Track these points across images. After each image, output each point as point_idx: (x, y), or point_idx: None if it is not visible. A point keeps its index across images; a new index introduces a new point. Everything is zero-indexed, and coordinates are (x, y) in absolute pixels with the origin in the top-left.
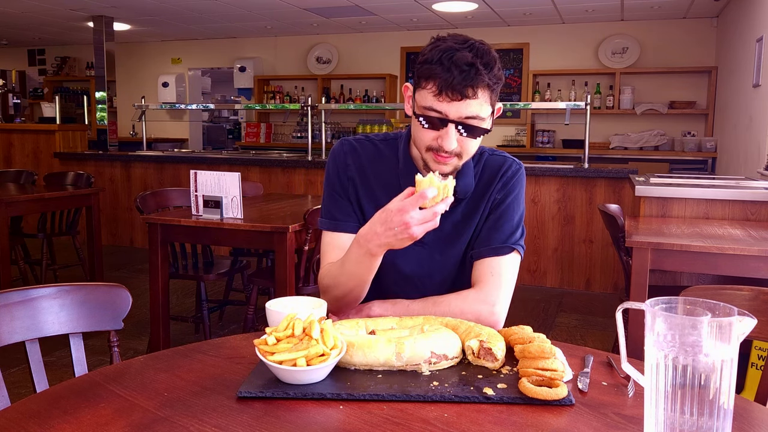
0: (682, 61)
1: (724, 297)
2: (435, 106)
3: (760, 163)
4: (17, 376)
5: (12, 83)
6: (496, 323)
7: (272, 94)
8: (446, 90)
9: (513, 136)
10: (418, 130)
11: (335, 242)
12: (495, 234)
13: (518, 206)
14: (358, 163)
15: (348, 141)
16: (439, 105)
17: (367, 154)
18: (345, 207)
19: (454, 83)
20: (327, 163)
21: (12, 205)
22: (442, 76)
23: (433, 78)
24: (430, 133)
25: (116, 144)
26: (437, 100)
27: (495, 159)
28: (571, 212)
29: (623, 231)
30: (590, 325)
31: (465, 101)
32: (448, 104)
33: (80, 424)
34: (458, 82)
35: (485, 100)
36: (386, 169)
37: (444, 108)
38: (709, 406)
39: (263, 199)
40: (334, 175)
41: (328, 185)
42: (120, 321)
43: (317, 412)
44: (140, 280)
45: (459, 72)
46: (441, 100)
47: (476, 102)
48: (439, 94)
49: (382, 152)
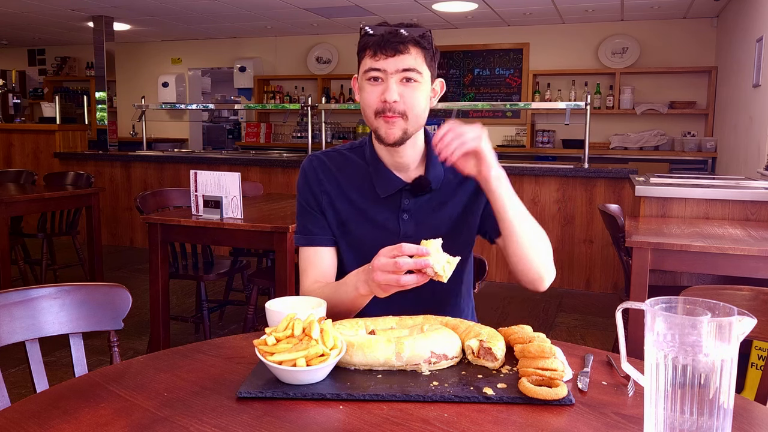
0: (682, 61)
1: (724, 297)
2: (374, 65)
3: (760, 163)
4: (17, 376)
5: (12, 83)
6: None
7: (272, 94)
8: (380, 49)
9: (513, 136)
10: (365, 95)
11: (313, 257)
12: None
13: None
14: (330, 175)
15: (316, 156)
16: (377, 63)
17: (336, 165)
18: (319, 221)
19: (384, 41)
20: (298, 180)
21: (12, 205)
22: (375, 39)
23: (368, 45)
24: (374, 92)
25: (116, 144)
26: (375, 60)
27: None
28: (571, 212)
29: (623, 231)
30: (590, 325)
31: (399, 56)
32: (385, 60)
33: (80, 424)
34: (389, 39)
35: (418, 56)
36: (356, 173)
37: (381, 65)
38: (709, 405)
39: (263, 199)
40: (306, 191)
41: (302, 201)
42: (120, 321)
43: (317, 412)
44: (140, 280)
45: (388, 32)
46: (378, 58)
47: (410, 56)
48: (375, 54)
49: (350, 159)
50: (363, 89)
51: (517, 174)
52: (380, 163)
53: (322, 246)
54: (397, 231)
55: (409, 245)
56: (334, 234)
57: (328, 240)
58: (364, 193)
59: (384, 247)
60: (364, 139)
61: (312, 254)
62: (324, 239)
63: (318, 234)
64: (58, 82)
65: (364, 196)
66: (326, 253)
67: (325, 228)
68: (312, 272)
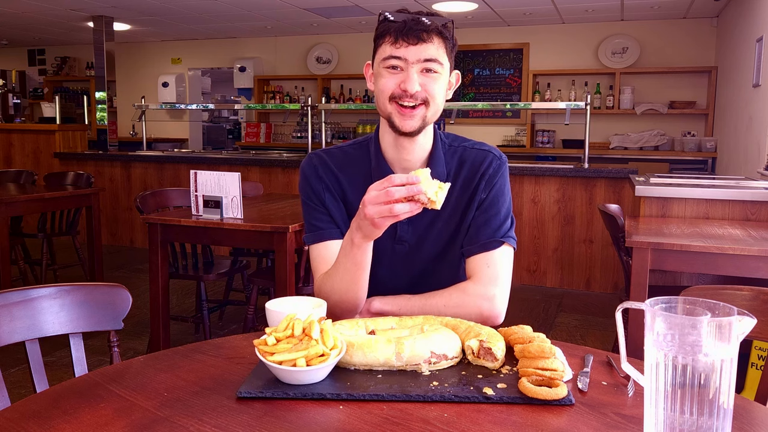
0: (682, 61)
1: (724, 297)
2: (394, 53)
3: (760, 163)
4: (17, 376)
5: (12, 83)
6: (497, 315)
7: (272, 94)
8: (402, 36)
9: (513, 136)
10: (382, 81)
11: (323, 253)
12: (484, 230)
13: (504, 199)
14: (330, 174)
15: (316, 154)
16: (398, 51)
17: (337, 163)
18: (325, 216)
19: (407, 28)
20: (299, 180)
21: (12, 205)
22: (396, 26)
23: (388, 31)
24: (392, 78)
25: (116, 144)
26: (395, 48)
27: (474, 153)
28: (571, 212)
29: (623, 231)
30: (590, 325)
31: (421, 45)
32: (406, 49)
33: (80, 424)
34: (411, 27)
35: (440, 46)
36: (358, 172)
37: (402, 53)
38: (709, 405)
39: (263, 199)
40: (308, 188)
41: (305, 199)
42: (120, 321)
43: (317, 412)
44: (140, 280)
45: (411, 20)
46: (399, 46)
47: (432, 46)
48: (395, 41)
49: (352, 157)
50: (380, 75)
51: (517, 174)
52: (383, 162)
53: (330, 240)
54: (392, 234)
55: (399, 175)
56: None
57: (336, 233)
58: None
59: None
60: (369, 135)
61: (322, 249)
62: (332, 232)
63: (325, 228)
64: (58, 82)
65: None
66: (336, 246)
67: (332, 222)
68: (324, 268)
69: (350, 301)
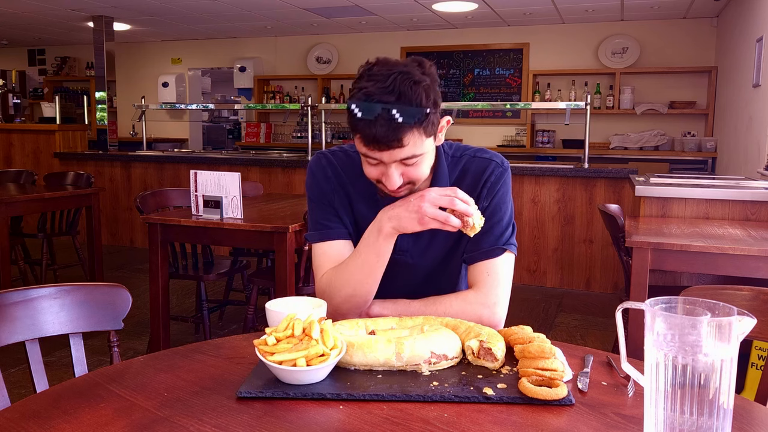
0: (682, 61)
1: (724, 297)
2: (369, 154)
3: (760, 163)
4: (17, 376)
5: (12, 83)
6: (497, 323)
7: (272, 94)
8: (371, 144)
9: (513, 136)
10: (364, 167)
11: (329, 251)
12: (486, 237)
13: (506, 206)
14: (337, 175)
15: (323, 154)
16: (372, 153)
17: (343, 166)
18: (334, 215)
19: (377, 137)
20: (306, 179)
21: (12, 205)
22: (365, 131)
23: (357, 131)
24: (373, 169)
25: (116, 144)
26: (369, 150)
27: (476, 162)
28: (571, 212)
29: (623, 231)
30: (590, 325)
31: (395, 150)
32: (380, 153)
33: (80, 424)
34: (382, 136)
35: (416, 140)
36: (360, 175)
37: (377, 156)
38: (709, 405)
39: (263, 199)
40: (315, 186)
41: (313, 197)
42: (120, 321)
43: (317, 412)
44: (140, 280)
45: (380, 126)
46: (371, 149)
47: (407, 147)
48: (367, 145)
49: (354, 160)
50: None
51: (518, 174)
52: None
53: (338, 239)
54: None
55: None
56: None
57: (344, 233)
58: (365, 197)
59: None
60: None
61: (328, 248)
62: (340, 232)
63: (333, 228)
64: (58, 82)
65: (368, 205)
66: (343, 246)
67: (340, 222)
68: (328, 266)
69: (362, 295)
